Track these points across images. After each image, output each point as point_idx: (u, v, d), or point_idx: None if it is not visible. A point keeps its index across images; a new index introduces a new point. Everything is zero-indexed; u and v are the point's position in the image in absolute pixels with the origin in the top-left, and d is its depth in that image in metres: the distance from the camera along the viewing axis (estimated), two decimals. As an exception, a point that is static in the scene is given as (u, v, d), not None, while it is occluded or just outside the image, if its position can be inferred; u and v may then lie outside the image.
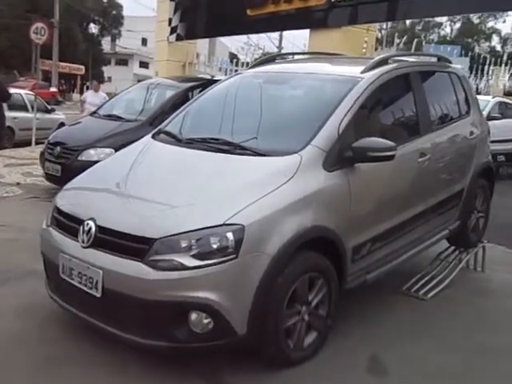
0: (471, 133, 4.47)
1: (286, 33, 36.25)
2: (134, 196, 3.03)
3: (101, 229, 2.75)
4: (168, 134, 3.67)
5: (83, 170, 3.55)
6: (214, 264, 2.53)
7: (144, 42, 50.10)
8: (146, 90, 7.84)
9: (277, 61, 4.40)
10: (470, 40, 52.97)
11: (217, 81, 5.12)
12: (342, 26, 7.96)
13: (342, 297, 3.18)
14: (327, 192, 2.99)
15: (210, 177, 3.01)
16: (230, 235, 2.57)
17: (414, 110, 3.81)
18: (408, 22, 48.07)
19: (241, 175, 2.96)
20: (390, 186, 3.49)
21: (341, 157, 3.08)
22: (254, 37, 27.64)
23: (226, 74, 11.95)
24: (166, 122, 3.91)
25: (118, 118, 7.19)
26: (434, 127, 4.01)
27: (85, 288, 2.75)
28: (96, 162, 4.80)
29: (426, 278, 4.31)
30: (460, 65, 11.11)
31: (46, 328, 3.18)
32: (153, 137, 3.70)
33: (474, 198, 4.58)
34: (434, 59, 4.68)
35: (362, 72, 3.51)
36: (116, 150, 6.13)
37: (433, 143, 3.89)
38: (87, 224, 2.79)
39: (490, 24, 53.87)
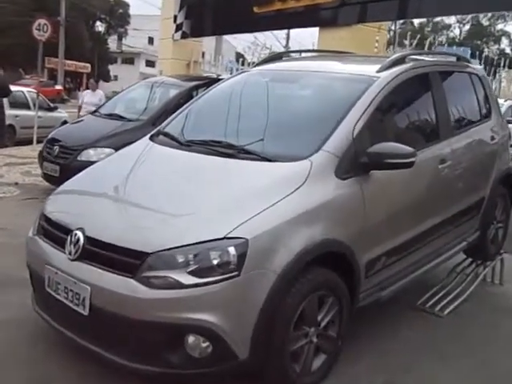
0: (492, 138, 4.19)
1: (293, 33, 36.04)
2: (127, 203, 2.78)
3: (89, 240, 2.49)
4: (167, 135, 3.41)
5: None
6: (214, 282, 2.27)
7: (150, 40, 49.85)
8: (149, 88, 7.64)
9: (284, 58, 4.12)
10: (479, 42, 52.55)
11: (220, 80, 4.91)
12: (352, 25, 7.69)
13: (354, 315, 2.92)
14: (339, 202, 2.72)
15: (210, 183, 2.75)
16: (231, 250, 2.30)
17: (433, 112, 3.53)
18: (417, 23, 47.80)
19: (245, 182, 2.70)
20: (407, 194, 3.21)
21: (355, 163, 2.81)
22: (260, 36, 27.39)
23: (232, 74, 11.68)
24: (166, 122, 3.64)
25: (119, 118, 7.00)
26: (455, 131, 3.73)
27: (71, 304, 2.49)
28: (96, 162, 4.65)
29: (442, 293, 4.06)
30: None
31: (30, 345, 2.93)
32: (151, 138, 3.44)
33: (494, 207, 4.30)
34: (453, 59, 4.39)
35: (378, 71, 3.23)
36: (116, 151, 6.02)
37: (453, 149, 3.61)
38: (75, 234, 2.53)
39: (500, 26, 53.54)
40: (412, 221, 3.27)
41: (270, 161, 2.77)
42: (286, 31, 33.85)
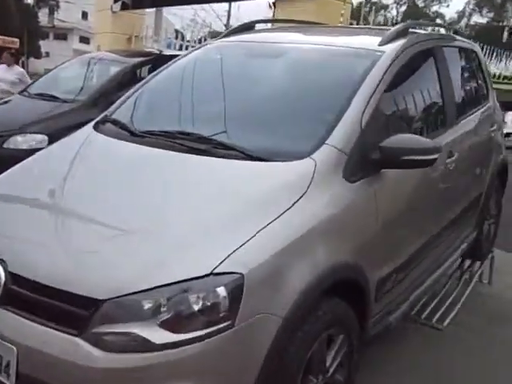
0: (492, 124, 3.70)
1: (234, 10, 34.97)
2: (67, 215, 2.04)
3: (15, 278, 1.75)
4: (116, 123, 2.65)
5: (10, 161, 2.56)
6: (197, 339, 1.60)
7: (84, 15, 47.23)
8: (87, 65, 6.75)
9: (257, 29, 3.40)
10: (415, 23, 53.32)
11: (169, 56, 4.22)
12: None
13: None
14: (351, 211, 2.11)
15: (180, 191, 2.05)
16: (221, 291, 1.63)
17: (440, 95, 2.96)
18: (356, 3, 47.90)
19: (227, 190, 2.02)
20: (418, 196, 2.65)
21: (365, 160, 2.20)
22: (200, 13, 26.28)
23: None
24: (113, 107, 2.85)
25: (52, 98, 6.08)
26: (459, 118, 3.18)
27: (-11, 370, 1.76)
28: (25, 150, 4.02)
29: (436, 300, 3.59)
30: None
31: None
32: (95, 127, 2.68)
33: (489, 202, 3.84)
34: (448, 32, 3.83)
35: (380, 44, 2.61)
36: (50, 137, 5.20)
37: (458, 139, 3.07)
38: (-8, 269, 1.78)
39: (435, 8, 54.66)
40: (422, 226, 2.73)
41: (259, 160, 2.10)
42: (226, 8, 32.88)
